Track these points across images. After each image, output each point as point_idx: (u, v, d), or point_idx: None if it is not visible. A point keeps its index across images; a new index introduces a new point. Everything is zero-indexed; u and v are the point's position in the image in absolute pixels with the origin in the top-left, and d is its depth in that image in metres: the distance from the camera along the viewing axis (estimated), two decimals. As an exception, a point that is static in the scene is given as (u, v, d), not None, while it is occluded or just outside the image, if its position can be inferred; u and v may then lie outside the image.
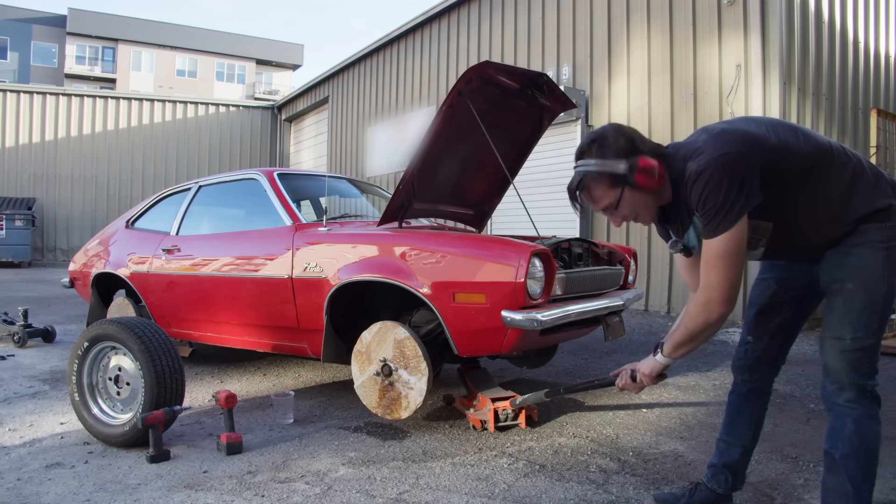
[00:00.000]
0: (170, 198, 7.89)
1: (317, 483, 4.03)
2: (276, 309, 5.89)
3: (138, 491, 3.91)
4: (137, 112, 28.93)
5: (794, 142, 2.89)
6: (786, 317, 3.42)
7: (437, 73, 18.62)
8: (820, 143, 2.95)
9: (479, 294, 4.69)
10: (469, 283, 4.73)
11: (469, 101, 5.31)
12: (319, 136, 26.84)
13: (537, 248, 4.68)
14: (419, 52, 19.42)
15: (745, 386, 3.54)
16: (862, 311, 2.87)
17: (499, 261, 4.66)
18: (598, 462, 4.41)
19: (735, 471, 3.57)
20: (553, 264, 4.79)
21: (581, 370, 7.32)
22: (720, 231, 2.83)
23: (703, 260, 2.94)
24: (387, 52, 21.18)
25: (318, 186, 7.62)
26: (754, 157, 2.79)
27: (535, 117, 6.21)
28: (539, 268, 4.72)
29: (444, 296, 4.82)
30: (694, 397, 6.10)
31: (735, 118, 3.10)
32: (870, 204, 2.91)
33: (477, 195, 6.53)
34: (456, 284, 4.78)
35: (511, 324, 4.54)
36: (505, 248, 4.75)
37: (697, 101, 11.43)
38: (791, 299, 3.40)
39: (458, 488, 3.94)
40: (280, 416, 5.38)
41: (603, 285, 5.80)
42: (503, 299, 4.59)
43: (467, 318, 4.76)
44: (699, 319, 2.99)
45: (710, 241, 2.89)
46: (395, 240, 5.30)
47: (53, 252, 27.47)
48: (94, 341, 4.84)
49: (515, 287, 4.55)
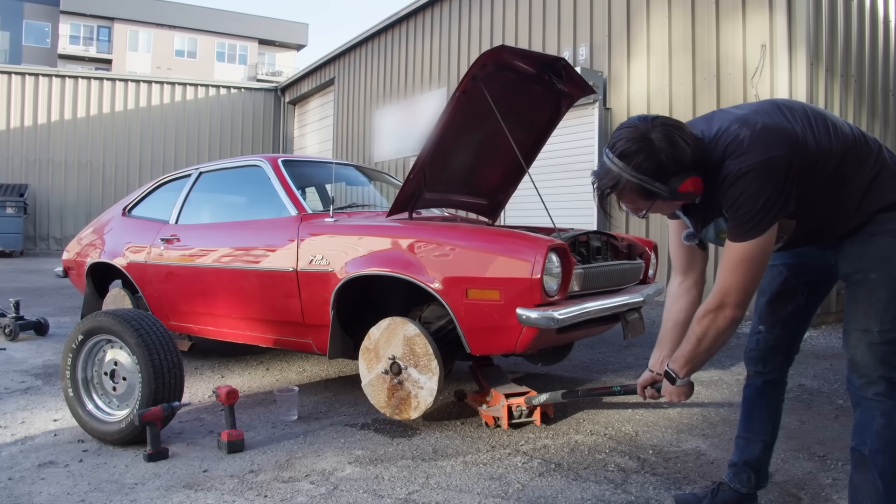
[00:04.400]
0: (169, 184, 7.89)
1: (322, 483, 4.04)
2: (280, 303, 5.89)
3: (135, 491, 3.92)
4: (134, 94, 28.92)
5: (827, 142, 2.87)
6: (798, 304, 3.41)
7: (447, 53, 18.54)
8: (847, 137, 2.94)
9: (493, 290, 4.68)
10: (482, 279, 4.72)
11: (484, 87, 5.28)
12: (325, 119, 26.80)
13: (554, 242, 4.66)
14: (430, 31, 19.34)
15: (759, 378, 3.53)
16: (889, 301, 2.86)
17: (514, 255, 4.65)
18: (617, 461, 4.41)
19: (757, 468, 3.55)
20: (570, 259, 4.78)
21: (599, 365, 7.32)
22: (749, 237, 2.82)
23: (724, 262, 2.93)
24: (396, 32, 21.09)
25: (325, 174, 7.61)
26: (795, 161, 2.78)
27: (552, 103, 6.18)
28: (556, 263, 4.71)
29: (456, 292, 4.81)
30: (717, 393, 6.08)
31: (764, 101, 3.06)
32: (891, 194, 2.92)
33: (491, 184, 6.53)
34: (469, 280, 4.77)
35: (526, 322, 4.52)
36: (520, 242, 4.73)
37: (720, 82, 11.36)
38: (803, 286, 3.39)
39: (469, 488, 3.94)
40: (283, 413, 5.38)
41: (622, 280, 5.79)
42: (518, 296, 4.58)
43: (480, 316, 4.75)
44: (710, 327, 2.98)
45: (734, 244, 2.88)
46: (406, 232, 5.29)
47: (46, 241, 27.52)
48: (89, 334, 4.85)
49: (531, 283, 4.53)
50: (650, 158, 2.79)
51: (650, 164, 2.79)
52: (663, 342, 3.48)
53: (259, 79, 59.35)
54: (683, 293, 3.44)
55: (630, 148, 2.82)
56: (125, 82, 29.11)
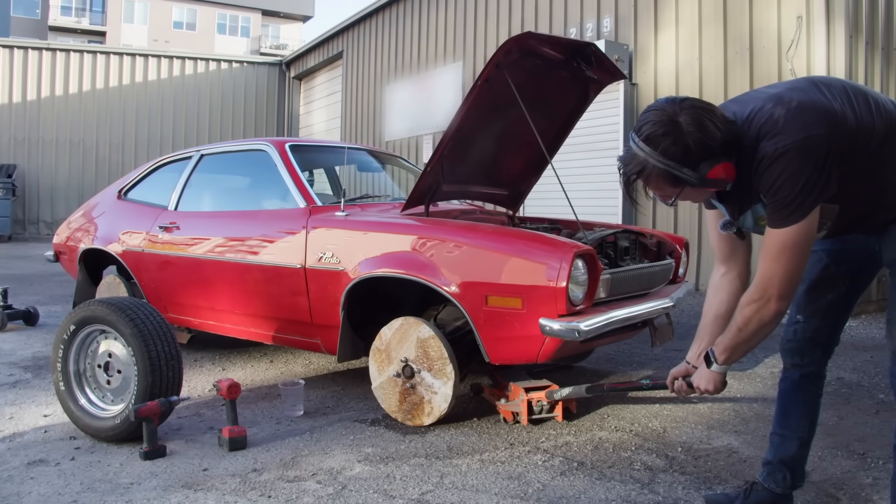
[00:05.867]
0: (167, 167, 7.88)
1: (330, 482, 4.05)
2: (286, 300, 5.90)
3: (130, 491, 3.94)
4: (130, 69, 28.89)
5: (869, 120, 2.85)
6: (839, 292, 3.40)
7: (464, 25, 18.44)
8: (890, 114, 2.91)
9: (514, 298, 4.68)
10: (503, 286, 4.73)
11: (507, 75, 5.26)
12: (332, 95, 26.78)
13: (581, 247, 4.65)
14: (444, 1, 19.27)
15: (796, 371, 3.52)
16: None
17: (538, 260, 4.64)
18: (644, 459, 4.42)
19: (793, 467, 3.55)
20: (598, 266, 4.77)
21: (624, 356, 7.32)
22: (790, 222, 2.80)
23: (765, 251, 2.91)
24: (409, 1, 20.99)
25: (334, 159, 7.60)
26: (835, 140, 2.75)
27: (579, 90, 6.18)
28: (582, 270, 4.69)
29: (475, 297, 4.82)
30: (750, 387, 6.08)
31: (799, 79, 3.05)
32: None
33: (512, 175, 6.53)
34: (489, 286, 4.77)
35: (549, 333, 4.52)
36: (544, 246, 4.73)
37: (753, 56, 11.29)
38: (844, 273, 3.38)
39: (486, 488, 3.95)
40: (289, 408, 5.40)
41: (651, 284, 5.79)
42: (541, 305, 4.57)
43: (501, 324, 4.76)
44: (753, 318, 2.96)
45: (774, 231, 2.86)
46: (422, 231, 5.29)
47: (36, 224, 27.56)
48: (82, 324, 4.86)
49: (555, 292, 4.52)
50: (677, 143, 2.78)
51: (677, 148, 2.78)
52: (702, 335, 3.46)
53: (262, 52, 59.41)
54: (725, 285, 3.42)
55: (656, 132, 2.81)
56: (120, 56, 29.07)
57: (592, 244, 5.09)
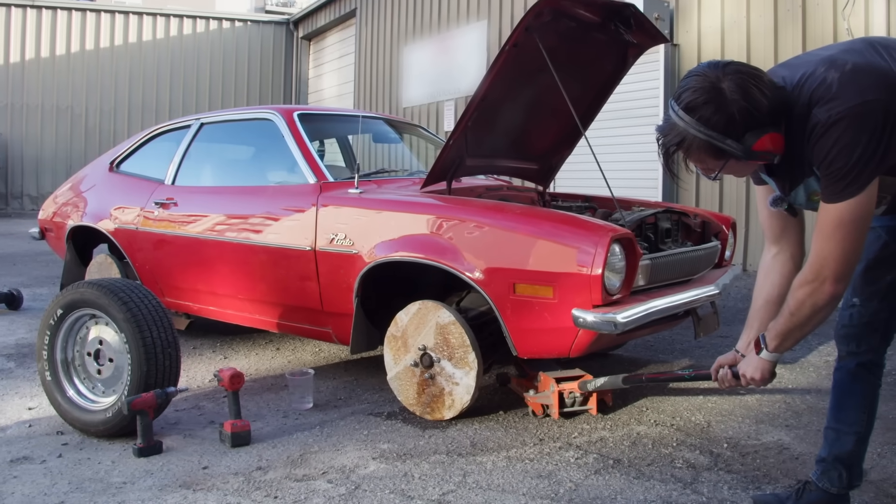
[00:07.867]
0: (164, 136, 7.87)
1: (342, 481, 4.06)
2: (295, 286, 5.91)
3: (123, 491, 3.96)
4: (122, 28, 28.85)
5: None
6: None
7: (488, -22, 18.36)
8: None
9: (545, 287, 4.65)
10: (532, 273, 4.70)
11: (538, 39, 5.21)
12: (345, 57, 26.66)
13: (618, 231, 4.62)
14: (466, -48, 19.18)
15: (852, 360, 3.50)
16: None
17: (570, 245, 4.62)
18: (686, 456, 4.42)
19: (850, 464, 3.53)
20: (636, 251, 4.74)
21: (665, 343, 7.31)
22: (846, 196, 2.77)
23: (819, 228, 2.89)
24: (427, -46, 20.92)
25: (347, 128, 7.58)
26: (894, 106, 2.72)
27: (617, 55, 6.14)
28: (619, 256, 4.66)
29: (501, 285, 4.80)
30: (802, 377, 6.07)
31: (855, 40, 3.03)
32: None
33: (543, 147, 6.51)
34: (517, 273, 4.75)
35: (583, 325, 4.49)
36: (578, 229, 4.70)
37: (806, 14, 11.14)
38: None
39: (513, 488, 3.96)
40: (297, 400, 5.42)
41: (695, 269, 5.76)
42: (574, 294, 4.55)
43: (529, 315, 4.74)
44: (806, 301, 2.94)
45: (829, 206, 2.83)
46: (444, 211, 5.28)
47: (20, 199, 27.61)
48: (70, 308, 4.88)
49: (590, 281, 4.49)
50: (720, 111, 2.75)
51: (720, 117, 2.76)
52: (752, 322, 3.46)
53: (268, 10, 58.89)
54: (777, 267, 3.41)
55: (697, 99, 2.79)
56: (112, 14, 28.99)
57: (630, 226, 5.06)
